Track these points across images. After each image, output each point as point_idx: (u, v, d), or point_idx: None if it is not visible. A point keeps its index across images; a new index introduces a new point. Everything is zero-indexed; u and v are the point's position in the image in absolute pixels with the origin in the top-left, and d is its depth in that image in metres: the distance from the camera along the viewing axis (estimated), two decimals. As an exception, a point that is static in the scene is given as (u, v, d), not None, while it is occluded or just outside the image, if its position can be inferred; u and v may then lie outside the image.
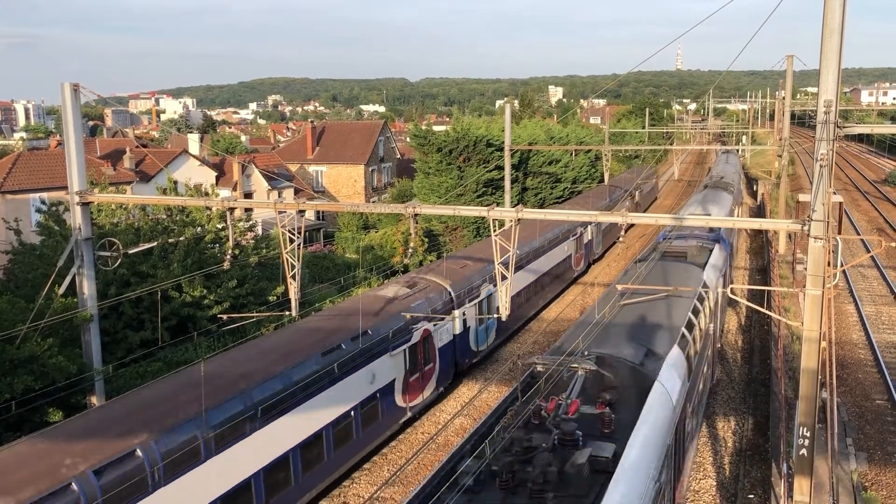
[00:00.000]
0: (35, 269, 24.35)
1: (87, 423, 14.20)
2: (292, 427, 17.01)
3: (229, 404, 15.51)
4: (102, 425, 14.09)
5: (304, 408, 17.34)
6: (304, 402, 17.34)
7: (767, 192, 61.62)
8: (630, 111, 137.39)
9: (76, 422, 14.42)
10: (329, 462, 18.51)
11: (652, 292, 18.70)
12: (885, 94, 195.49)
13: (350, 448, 19.42)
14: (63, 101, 19.90)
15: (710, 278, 22.07)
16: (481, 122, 63.51)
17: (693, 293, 19.36)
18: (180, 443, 14.23)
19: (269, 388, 16.51)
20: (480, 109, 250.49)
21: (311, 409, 17.53)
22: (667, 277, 20.58)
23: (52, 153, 50.64)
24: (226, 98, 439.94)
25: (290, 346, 18.41)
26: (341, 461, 19.11)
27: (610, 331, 16.21)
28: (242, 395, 15.89)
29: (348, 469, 19.98)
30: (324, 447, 18.20)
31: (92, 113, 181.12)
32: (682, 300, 18.76)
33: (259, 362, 17.29)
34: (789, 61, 44.66)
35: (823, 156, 14.41)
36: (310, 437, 17.60)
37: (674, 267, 22.16)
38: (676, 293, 18.87)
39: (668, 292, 18.75)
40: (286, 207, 19.62)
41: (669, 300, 18.58)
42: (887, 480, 18.22)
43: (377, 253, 42.42)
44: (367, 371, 19.95)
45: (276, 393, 16.57)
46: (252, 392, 16.10)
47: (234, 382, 16.19)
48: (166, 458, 13.84)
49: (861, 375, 24.65)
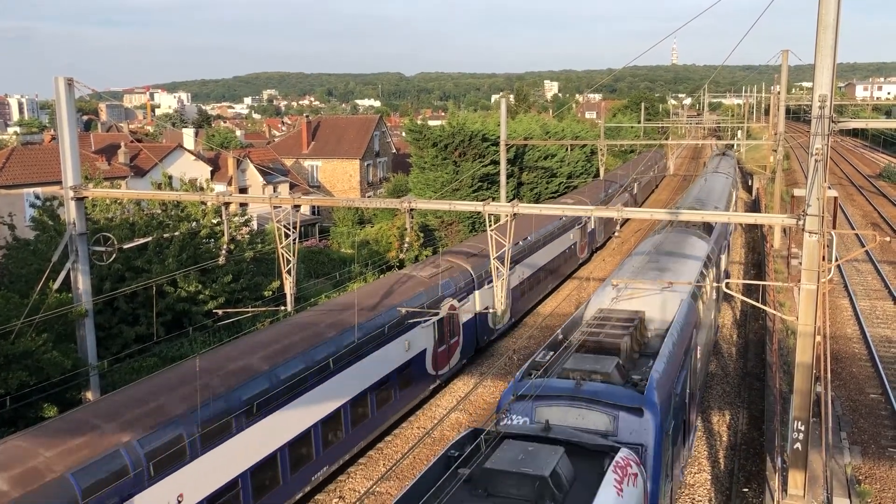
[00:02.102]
0: (29, 265, 24.28)
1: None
2: (365, 372, 20.12)
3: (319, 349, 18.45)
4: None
5: (357, 366, 19.79)
6: (363, 356, 20.04)
7: (762, 186, 61.72)
8: (625, 106, 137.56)
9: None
10: (373, 418, 20.99)
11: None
12: (879, 89, 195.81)
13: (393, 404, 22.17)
14: (57, 96, 19.81)
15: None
16: (477, 116, 63.43)
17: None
18: (261, 389, 16.21)
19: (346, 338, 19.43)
20: (476, 104, 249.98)
21: (361, 368, 20.01)
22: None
23: (46, 148, 50.39)
24: (221, 92, 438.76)
25: (350, 310, 20.70)
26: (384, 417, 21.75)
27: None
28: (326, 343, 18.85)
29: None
30: (368, 406, 20.60)
31: (86, 107, 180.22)
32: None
33: (333, 318, 20.09)
34: (784, 56, 44.67)
35: (818, 150, 14.43)
36: (358, 394, 19.91)
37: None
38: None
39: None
40: (281, 202, 19.59)
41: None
42: (881, 474, 18.31)
43: (373, 248, 42.43)
44: (403, 339, 22.19)
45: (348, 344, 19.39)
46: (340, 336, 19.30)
47: (320, 333, 19.16)
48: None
49: (855, 369, 24.74)
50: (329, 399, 18.53)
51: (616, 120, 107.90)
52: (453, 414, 23.87)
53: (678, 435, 15.88)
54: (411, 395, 23.13)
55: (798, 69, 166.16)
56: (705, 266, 23.28)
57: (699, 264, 22.88)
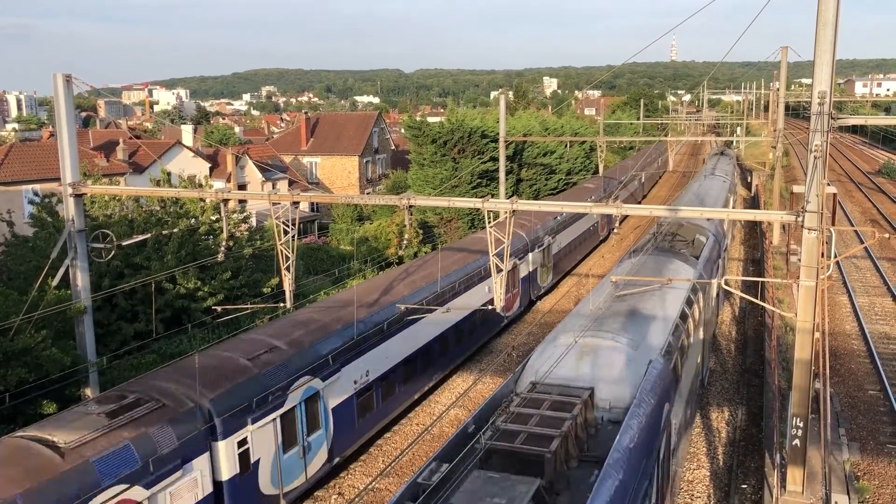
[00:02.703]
0: (28, 262, 24.26)
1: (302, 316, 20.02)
2: (467, 300, 26.23)
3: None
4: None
5: (462, 297, 26.04)
6: (463, 292, 26.22)
7: (762, 183, 61.74)
8: (625, 102, 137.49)
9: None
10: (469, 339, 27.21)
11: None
12: (879, 86, 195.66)
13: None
14: (56, 92, 19.76)
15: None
16: (476, 113, 63.35)
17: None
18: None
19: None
20: (475, 101, 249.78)
21: (466, 297, 26.25)
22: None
23: (44, 144, 50.39)
24: (219, 89, 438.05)
25: (460, 257, 27.87)
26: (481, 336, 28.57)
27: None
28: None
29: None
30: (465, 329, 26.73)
31: (85, 104, 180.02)
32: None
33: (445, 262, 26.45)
34: (784, 52, 44.67)
35: (818, 147, 14.42)
36: (463, 318, 26.21)
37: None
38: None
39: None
40: (280, 199, 19.57)
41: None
42: (879, 470, 18.34)
43: (372, 244, 42.38)
44: (485, 284, 27.24)
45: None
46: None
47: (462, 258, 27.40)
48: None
49: (854, 366, 24.76)
50: (442, 322, 24.60)
51: (615, 117, 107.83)
52: (452, 410, 23.89)
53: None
54: (489, 329, 29.23)
55: (797, 66, 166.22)
56: (688, 303, 19.01)
57: (679, 303, 18.41)
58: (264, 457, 16.03)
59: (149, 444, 13.40)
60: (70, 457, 12.41)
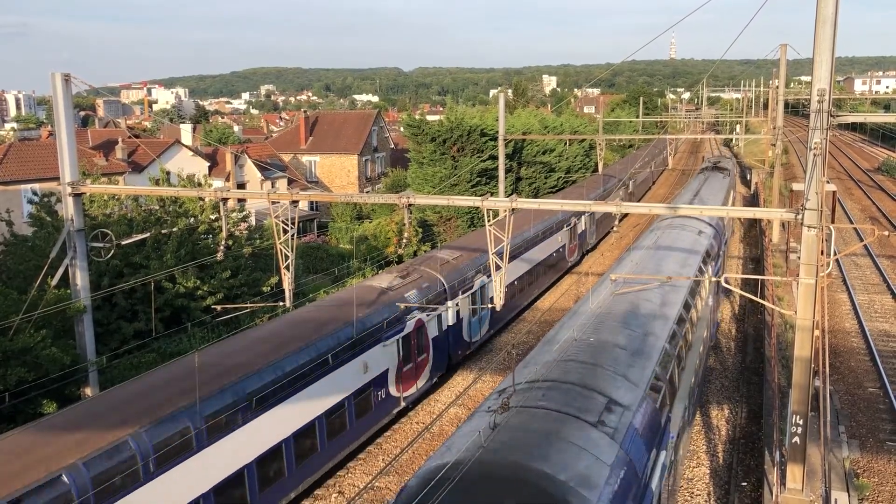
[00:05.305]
0: (27, 261, 24.24)
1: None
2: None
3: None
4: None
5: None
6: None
7: (761, 181, 61.74)
8: (624, 100, 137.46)
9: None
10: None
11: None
12: (878, 83, 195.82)
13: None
14: (54, 92, 19.76)
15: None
16: (475, 111, 63.39)
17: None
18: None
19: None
20: (474, 99, 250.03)
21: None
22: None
23: (43, 143, 50.34)
24: (218, 88, 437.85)
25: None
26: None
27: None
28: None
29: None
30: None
31: (83, 103, 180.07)
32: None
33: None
34: (783, 50, 44.64)
35: (817, 145, 14.42)
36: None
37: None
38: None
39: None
40: (279, 198, 19.56)
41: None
42: (879, 467, 18.35)
43: (371, 243, 42.37)
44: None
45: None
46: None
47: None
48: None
49: (854, 364, 24.77)
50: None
51: (615, 115, 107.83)
52: (452, 409, 23.88)
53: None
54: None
55: (797, 63, 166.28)
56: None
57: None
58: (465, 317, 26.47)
59: (427, 290, 23.99)
60: (392, 293, 22.54)
